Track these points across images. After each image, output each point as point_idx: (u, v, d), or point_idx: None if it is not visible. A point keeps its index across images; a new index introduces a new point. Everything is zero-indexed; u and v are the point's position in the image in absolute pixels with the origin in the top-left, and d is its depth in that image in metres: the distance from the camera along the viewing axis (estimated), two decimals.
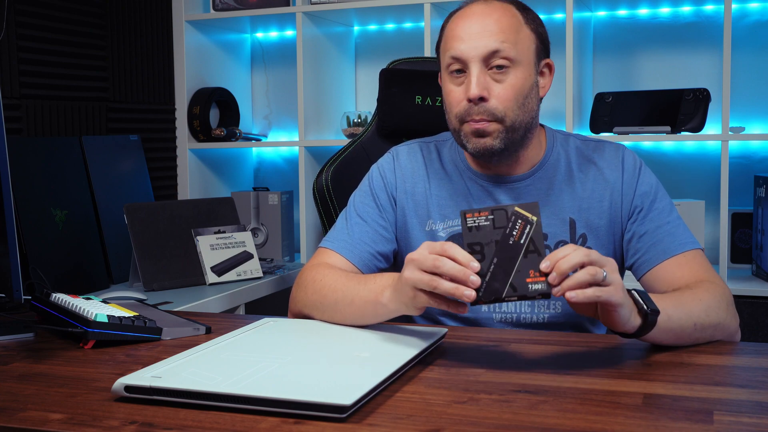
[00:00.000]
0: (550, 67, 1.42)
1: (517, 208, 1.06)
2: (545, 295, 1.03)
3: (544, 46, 1.40)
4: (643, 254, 1.39)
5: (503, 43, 1.32)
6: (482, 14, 1.35)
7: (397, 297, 1.16)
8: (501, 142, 1.35)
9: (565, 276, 1.02)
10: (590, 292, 1.02)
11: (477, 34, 1.33)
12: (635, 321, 1.10)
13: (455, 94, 1.36)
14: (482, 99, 1.32)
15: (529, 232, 1.05)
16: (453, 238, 1.44)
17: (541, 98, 1.42)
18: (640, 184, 1.42)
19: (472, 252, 1.06)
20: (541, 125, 1.48)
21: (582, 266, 1.03)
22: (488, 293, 1.04)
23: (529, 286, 1.04)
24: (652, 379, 1.03)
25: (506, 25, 1.34)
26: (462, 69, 1.35)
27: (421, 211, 1.47)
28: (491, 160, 1.40)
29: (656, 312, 1.10)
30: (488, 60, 1.33)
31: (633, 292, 1.11)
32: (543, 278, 1.03)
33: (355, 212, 1.49)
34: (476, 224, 1.06)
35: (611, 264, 1.05)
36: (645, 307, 1.10)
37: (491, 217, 1.06)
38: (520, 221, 1.05)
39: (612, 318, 1.07)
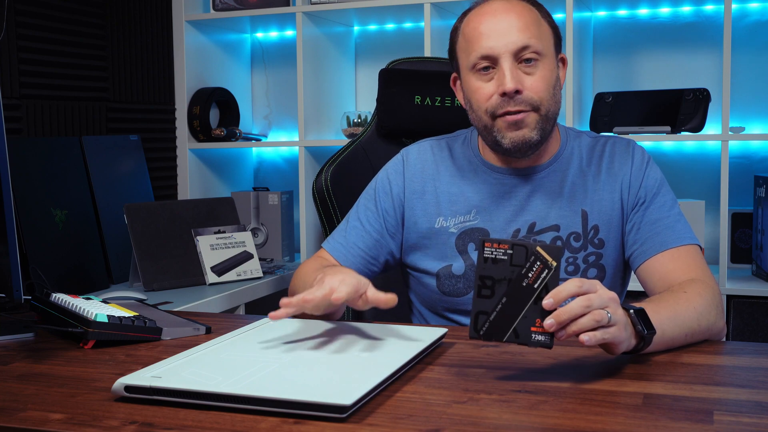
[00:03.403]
0: (564, 60, 1.46)
1: (539, 248, 1.01)
2: (547, 347, 1.01)
3: (559, 40, 1.43)
4: (641, 245, 1.40)
5: (531, 38, 1.35)
6: (504, 11, 1.37)
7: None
8: (537, 133, 1.37)
9: (565, 325, 1.00)
10: (599, 335, 1.01)
11: (504, 30, 1.35)
12: (632, 342, 1.08)
13: (484, 90, 1.37)
14: (517, 92, 1.34)
15: (545, 278, 1.01)
16: (463, 233, 1.45)
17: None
18: (646, 177, 1.44)
19: (482, 286, 1.02)
20: None
21: (583, 313, 1.01)
22: (489, 333, 1.02)
23: (533, 335, 1.01)
24: (652, 379, 1.03)
25: (529, 20, 1.37)
26: (489, 66, 1.36)
27: (431, 209, 1.49)
28: (526, 154, 1.40)
29: (653, 333, 1.10)
30: (518, 54, 1.35)
31: (631, 312, 1.09)
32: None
33: (356, 215, 1.53)
34: (493, 256, 1.02)
35: (613, 301, 1.03)
36: (643, 330, 1.08)
37: (510, 252, 1.01)
38: (538, 263, 1.01)
39: (611, 349, 1.07)
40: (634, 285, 1.55)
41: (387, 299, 1.18)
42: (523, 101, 1.35)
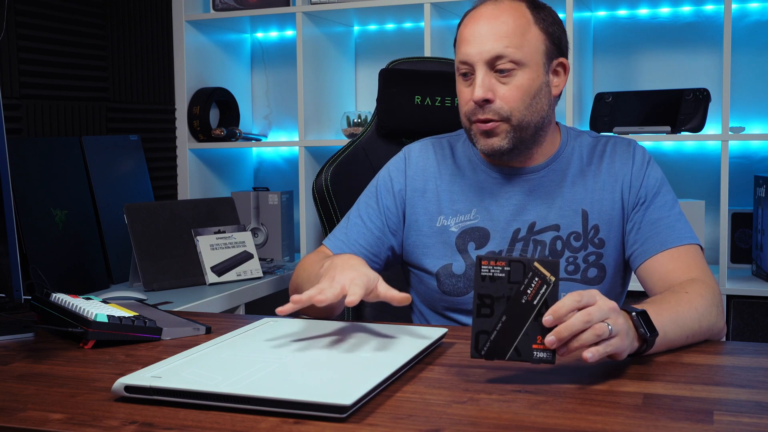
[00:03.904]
0: (564, 66, 1.43)
1: (536, 264, 1.00)
2: (549, 363, 1.01)
3: (556, 46, 1.40)
4: (641, 245, 1.40)
5: (507, 47, 1.34)
6: (490, 16, 1.36)
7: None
8: (509, 141, 1.37)
9: (566, 341, 1.00)
10: (601, 350, 1.00)
11: (482, 37, 1.35)
12: (634, 345, 1.08)
13: (464, 95, 1.40)
14: (487, 101, 1.35)
15: (544, 293, 1.00)
16: (464, 232, 1.46)
17: (556, 97, 1.43)
18: (646, 177, 1.44)
19: (481, 305, 1.01)
20: (556, 122, 1.50)
21: (584, 329, 1.00)
22: (491, 352, 1.01)
23: (534, 353, 1.00)
24: (652, 379, 1.03)
25: (512, 27, 1.35)
26: (468, 71, 1.38)
27: (432, 208, 1.49)
28: (502, 158, 1.42)
29: (656, 335, 1.10)
30: (493, 63, 1.35)
31: (633, 315, 1.09)
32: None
33: (357, 212, 1.53)
34: (490, 274, 1.01)
35: (613, 311, 1.03)
36: (646, 333, 1.08)
37: (507, 269, 1.01)
38: (536, 279, 1.00)
39: (614, 357, 1.07)
40: (634, 285, 1.55)
41: (401, 298, 1.19)
42: (492, 111, 1.35)
